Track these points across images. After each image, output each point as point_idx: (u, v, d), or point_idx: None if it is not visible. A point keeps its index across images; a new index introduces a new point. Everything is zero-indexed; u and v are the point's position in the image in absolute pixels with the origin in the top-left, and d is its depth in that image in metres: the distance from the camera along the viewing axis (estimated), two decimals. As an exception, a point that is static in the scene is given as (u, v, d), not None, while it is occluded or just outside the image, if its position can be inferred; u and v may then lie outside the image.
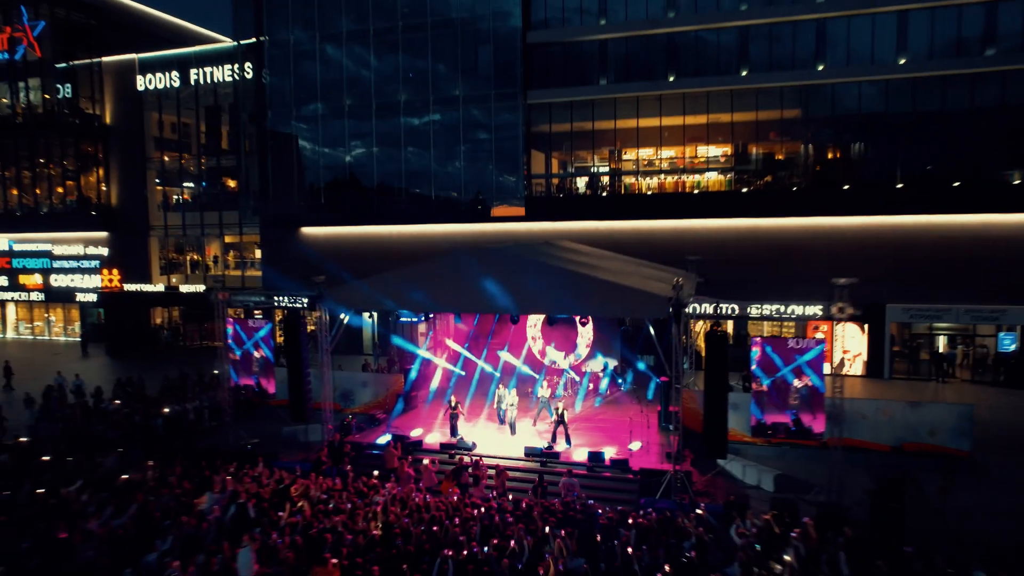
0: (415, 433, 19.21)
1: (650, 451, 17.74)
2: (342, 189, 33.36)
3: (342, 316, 19.58)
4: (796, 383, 15.07)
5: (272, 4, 33.29)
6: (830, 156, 27.11)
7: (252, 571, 10.69)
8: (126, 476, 14.91)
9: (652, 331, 17.05)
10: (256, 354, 20.02)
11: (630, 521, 12.43)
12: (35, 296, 41.76)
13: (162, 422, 20.36)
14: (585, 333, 22.84)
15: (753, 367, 15.78)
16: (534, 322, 23.70)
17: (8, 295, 42.27)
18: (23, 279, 41.72)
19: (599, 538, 11.83)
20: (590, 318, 20.61)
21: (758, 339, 15.97)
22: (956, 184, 25.01)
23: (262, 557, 11.04)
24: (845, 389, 16.65)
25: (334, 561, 10.71)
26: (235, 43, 35.71)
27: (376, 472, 16.01)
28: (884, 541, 12.21)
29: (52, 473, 15.57)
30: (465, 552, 10.93)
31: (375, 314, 30.47)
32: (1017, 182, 24.79)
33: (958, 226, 25.98)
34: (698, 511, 13.02)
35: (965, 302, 26.25)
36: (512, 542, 11.33)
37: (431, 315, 22.27)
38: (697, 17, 26.94)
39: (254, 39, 34.29)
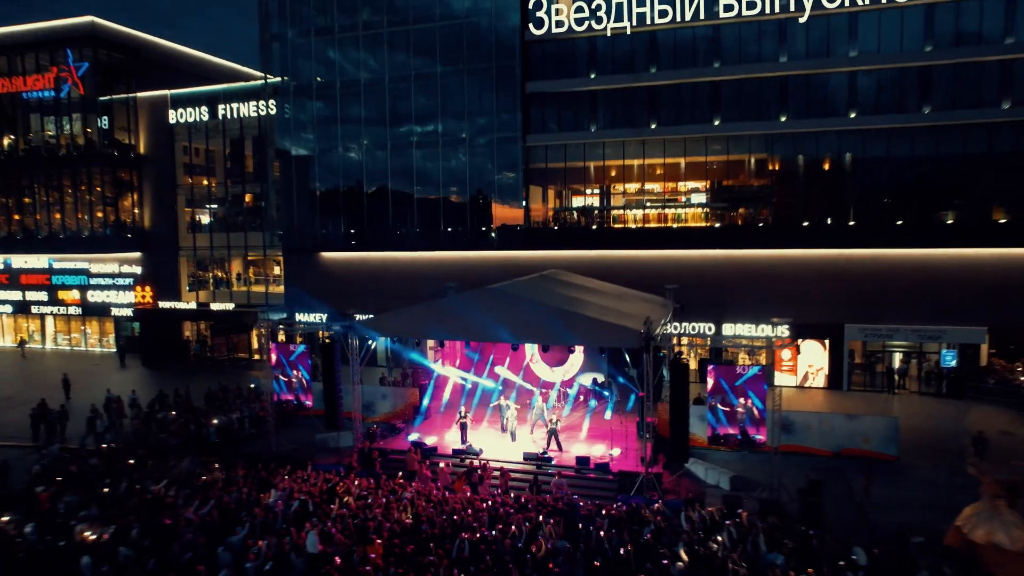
0: (430, 440, 22.76)
1: (628, 456, 21.25)
2: (358, 218, 36.88)
3: (370, 342, 23.06)
4: (740, 403, 18.53)
5: (295, 46, 36.79)
6: (793, 195, 30.65)
7: (317, 549, 14.24)
8: (204, 476, 18.45)
9: (627, 357, 20.56)
10: (294, 373, 23.47)
11: (604, 512, 15.98)
12: (73, 310, 45.34)
13: (214, 430, 23.92)
14: (575, 354, 26.36)
15: (708, 389, 19.28)
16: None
17: (48, 309, 45.84)
18: (62, 295, 45.30)
19: (580, 525, 15.36)
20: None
21: (711, 368, 19.43)
22: (899, 223, 28.60)
23: (323, 539, 14.59)
24: (808, 400, 20.29)
25: (379, 542, 14.27)
26: (261, 82, 39.31)
27: (401, 473, 19.57)
28: (802, 527, 15.73)
29: (139, 473, 19.12)
30: (477, 535, 14.47)
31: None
32: (950, 221, 28.36)
33: (906, 257, 29.55)
34: (656, 504, 16.57)
35: (912, 323, 29.88)
36: (513, 527, 14.88)
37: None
38: (675, 73, 30.58)
39: (278, 78, 37.83)
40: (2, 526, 15.35)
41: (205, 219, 43.28)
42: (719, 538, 14.33)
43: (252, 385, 30.01)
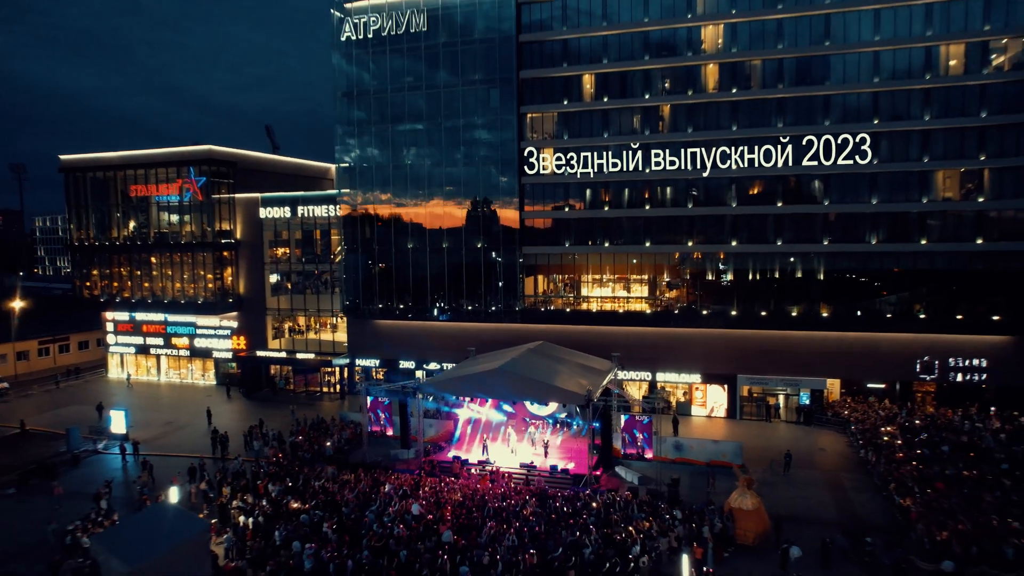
0: (464, 454, 37.81)
1: (582, 465, 36.25)
2: (403, 294, 51.92)
3: (420, 395, 38.08)
4: (638, 436, 33.65)
5: (362, 174, 51.92)
6: (697, 292, 45.85)
7: (420, 512, 29.26)
8: (344, 477, 33.56)
9: (578, 409, 35.66)
10: (382, 414, 38.59)
11: (560, 495, 31.06)
12: (182, 352, 60.54)
13: (329, 448, 39.00)
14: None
15: (621, 428, 34.41)
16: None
17: (163, 351, 61.05)
18: (174, 340, 60.52)
19: (549, 502, 30.38)
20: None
21: (624, 418, 34.55)
22: (763, 314, 43.92)
23: (425, 509, 29.63)
24: (711, 425, 35.37)
25: (448, 508, 29.34)
26: (332, 191, 54.50)
27: (450, 477, 34.63)
28: (666, 505, 30.65)
29: (303, 474, 34.16)
30: (496, 505, 29.54)
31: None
32: (795, 314, 43.69)
33: (771, 335, 44.75)
34: (587, 491, 31.66)
35: (780, 375, 45.13)
36: (513, 501, 29.97)
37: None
38: (621, 211, 46.05)
39: (347, 191, 52.90)
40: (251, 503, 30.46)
41: (286, 286, 58.43)
42: (615, 511, 29.42)
43: (341, 416, 45.09)
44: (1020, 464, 33.80)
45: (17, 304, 63.72)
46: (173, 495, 29.20)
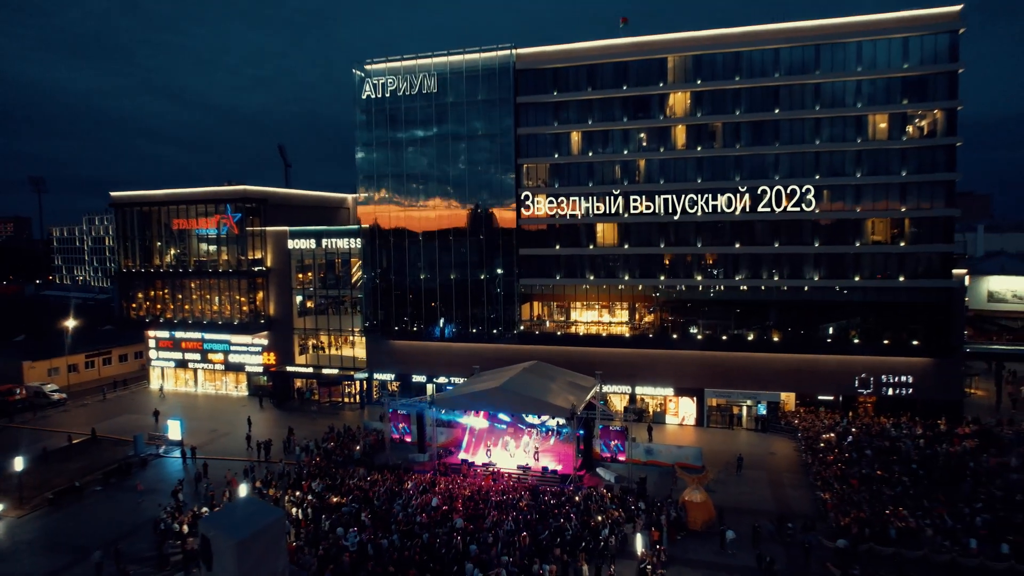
0: (471, 457, 45.32)
1: (568, 466, 43.76)
2: (415, 316, 59.48)
3: (432, 408, 45.64)
4: (612, 443, 41.24)
5: (380, 215, 59.49)
6: (669, 319, 53.41)
7: (437, 504, 36.78)
8: (373, 477, 41.09)
9: (563, 420, 43.21)
10: (401, 425, 46.19)
11: (550, 491, 38.58)
12: (218, 367, 68.11)
13: (358, 453, 46.53)
14: (545, 410, 48.86)
15: (598, 435, 42.00)
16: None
17: (201, 365, 68.62)
18: (210, 356, 68.09)
19: (540, 496, 37.87)
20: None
21: (600, 428, 42.09)
22: (724, 337, 51.54)
23: (442, 502, 37.16)
24: (682, 432, 42.91)
25: (459, 501, 36.87)
26: (353, 227, 62.08)
27: (459, 476, 42.14)
28: (633, 498, 38.12)
29: (340, 473, 41.65)
30: (498, 498, 37.06)
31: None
32: (751, 337, 51.31)
33: (733, 356, 52.32)
34: (571, 488, 39.18)
35: (742, 389, 52.73)
36: (512, 496, 37.50)
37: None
38: (601, 248, 53.64)
39: (368, 226, 60.46)
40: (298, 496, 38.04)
41: (309, 305, 65.99)
42: (593, 505, 36.97)
43: (365, 425, 52.64)
44: (927, 465, 41.35)
45: (71, 323, 71.29)
46: (242, 491, 36.70)
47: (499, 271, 56.19)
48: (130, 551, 33.65)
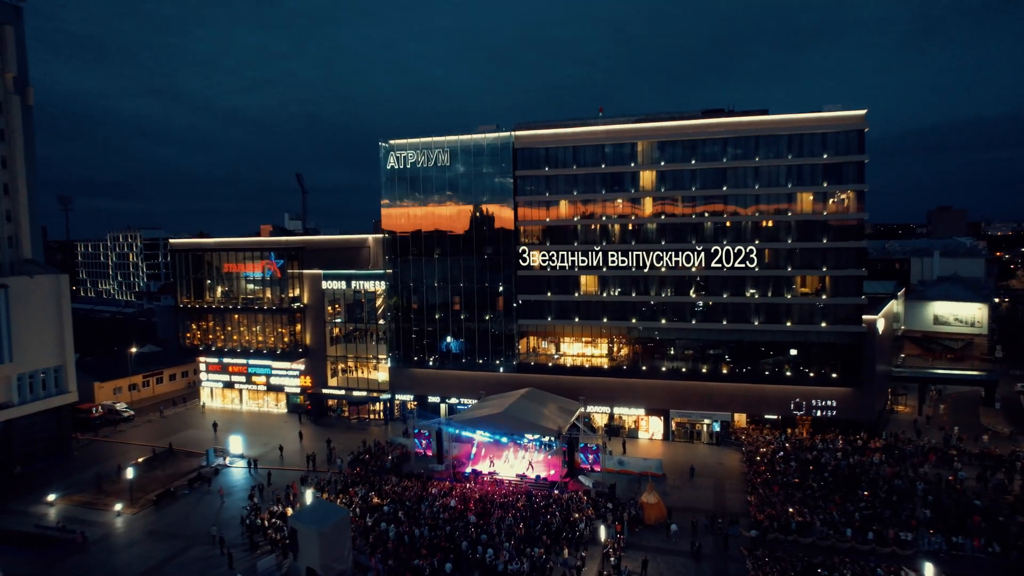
0: (478, 468, 56.95)
1: (556, 475, 55.37)
2: (431, 348, 71.15)
3: (455, 430, 57.34)
4: (589, 458, 52.97)
5: (403, 265, 71.18)
6: (642, 353, 65.14)
7: (455, 504, 48.42)
8: (404, 484, 52.77)
9: (553, 438, 54.95)
10: (423, 440, 57.94)
11: (540, 495, 50.23)
12: (260, 387, 79.83)
13: (390, 464, 58.15)
14: (539, 429, 60.54)
15: (580, 450, 53.79)
16: (520, 423, 61.53)
17: (246, 386, 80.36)
18: (254, 379, 79.83)
19: (533, 499, 49.49)
20: (539, 427, 58.51)
21: (580, 445, 53.85)
22: (684, 369, 63.30)
23: (458, 503, 48.82)
24: (651, 445, 54.70)
25: (471, 503, 48.54)
26: (380, 271, 73.81)
27: (469, 483, 53.79)
28: (605, 499, 49.70)
29: (377, 481, 53.29)
30: (501, 500, 48.73)
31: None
32: (705, 370, 63.10)
33: (695, 385, 64.00)
34: (556, 492, 50.83)
35: (681, 409, 64.55)
36: (511, 498, 49.18)
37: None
38: (585, 294, 65.39)
39: (391, 270, 72.12)
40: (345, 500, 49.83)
41: (337, 332, 77.63)
42: (576, 508, 48.67)
43: (390, 440, 64.31)
44: (835, 474, 52.98)
45: (134, 349, 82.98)
46: (308, 496, 48.37)
47: (501, 312, 67.94)
48: (230, 538, 45.37)
